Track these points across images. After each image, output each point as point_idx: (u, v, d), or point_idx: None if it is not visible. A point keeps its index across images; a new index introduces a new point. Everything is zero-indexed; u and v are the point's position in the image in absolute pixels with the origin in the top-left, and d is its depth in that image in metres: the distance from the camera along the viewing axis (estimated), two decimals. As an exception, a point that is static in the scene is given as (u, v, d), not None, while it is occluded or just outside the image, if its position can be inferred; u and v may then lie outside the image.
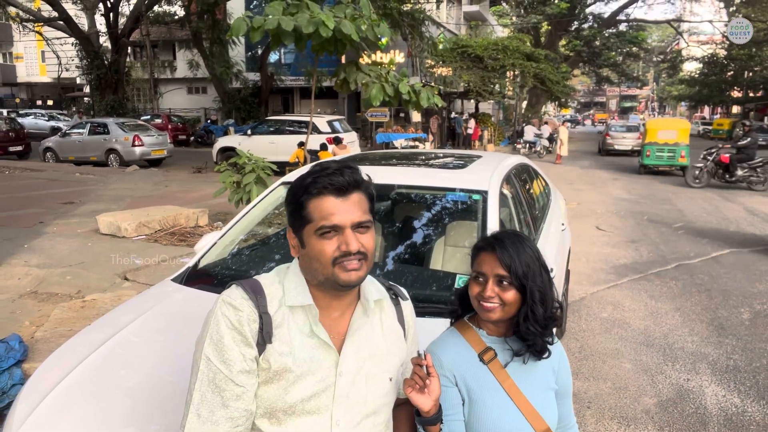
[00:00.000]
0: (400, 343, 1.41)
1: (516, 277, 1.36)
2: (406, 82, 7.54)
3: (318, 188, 1.22)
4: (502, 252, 1.37)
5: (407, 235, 3.16)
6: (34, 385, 1.99)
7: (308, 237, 1.23)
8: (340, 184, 1.23)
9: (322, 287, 1.27)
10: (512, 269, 1.36)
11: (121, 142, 16.33)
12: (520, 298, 1.38)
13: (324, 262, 1.22)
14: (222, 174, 7.64)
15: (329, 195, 1.22)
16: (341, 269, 1.21)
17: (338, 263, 1.21)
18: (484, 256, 1.41)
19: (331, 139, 12.78)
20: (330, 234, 1.21)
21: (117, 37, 23.61)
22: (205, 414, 1.18)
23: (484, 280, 1.38)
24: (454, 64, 23.71)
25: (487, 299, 1.37)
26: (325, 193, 1.22)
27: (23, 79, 40.65)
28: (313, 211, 1.22)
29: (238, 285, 1.27)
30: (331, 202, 1.22)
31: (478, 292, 1.39)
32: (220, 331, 1.20)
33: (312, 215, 1.22)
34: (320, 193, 1.22)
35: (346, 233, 1.21)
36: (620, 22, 37.08)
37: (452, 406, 1.40)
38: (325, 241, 1.21)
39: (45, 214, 8.78)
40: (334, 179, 1.23)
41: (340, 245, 1.21)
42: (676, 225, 9.16)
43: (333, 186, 1.22)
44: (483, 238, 1.47)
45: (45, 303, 4.77)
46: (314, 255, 1.23)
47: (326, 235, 1.21)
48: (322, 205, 1.22)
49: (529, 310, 1.38)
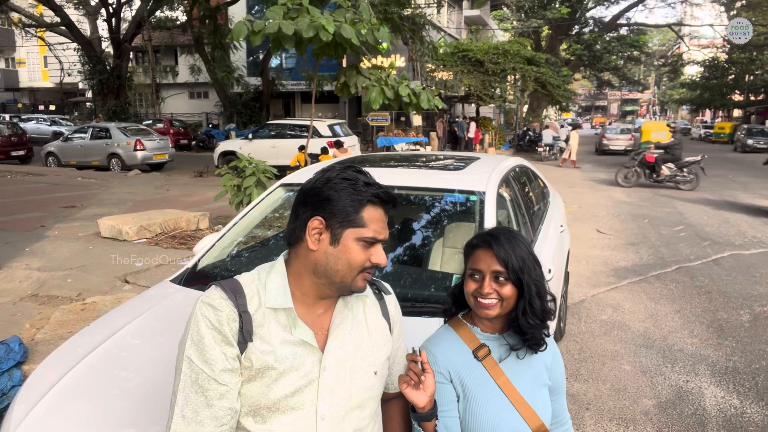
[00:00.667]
0: (385, 336, 1.41)
1: (513, 272, 1.38)
2: (405, 85, 7.56)
3: (382, 198, 1.26)
4: (498, 248, 1.39)
5: (405, 237, 3.17)
6: (31, 385, 1.99)
7: (348, 239, 1.24)
8: (393, 199, 1.28)
9: (323, 287, 1.28)
10: (509, 264, 1.38)
11: (123, 146, 16.38)
12: (516, 292, 1.40)
13: (353, 268, 1.25)
14: (223, 177, 7.66)
15: (381, 207, 1.27)
16: (362, 278, 1.27)
17: (363, 272, 1.26)
18: (479, 253, 1.42)
19: (332, 143, 12.81)
20: (369, 244, 1.26)
21: (119, 42, 23.73)
22: (190, 414, 1.18)
23: (481, 277, 1.39)
24: (455, 68, 23.75)
25: (486, 296, 1.38)
26: (380, 204, 1.26)
27: (26, 84, 40.82)
28: (369, 219, 1.25)
29: (217, 285, 1.28)
30: (382, 215, 1.27)
31: (475, 288, 1.40)
32: (201, 332, 1.21)
33: (366, 221, 1.24)
34: (378, 203, 1.26)
35: (379, 247, 1.27)
36: (621, 26, 37.15)
37: (447, 402, 1.41)
38: (363, 249, 1.25)
39: (46, 217, 8.80)
40: (390, 193, 1.27)
41: (371, 257, 1.26)
42: (677, 228, 9.16)
43: (390, 200, 1.27)
44: (476, 235, 1.48)
45: (46, 306, 4.79)
46: (347, 257, 1.24)
47: (366, 245, 1.25)
48: (379, 216, 1.26)
49: (527, 304, 1.40)
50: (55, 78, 34.43)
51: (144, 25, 23.77)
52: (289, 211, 1.35)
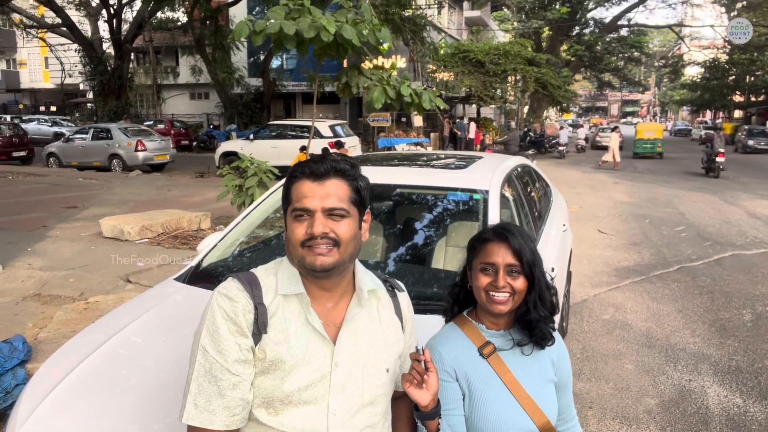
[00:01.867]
0: (397, 334, 1.41)
1: (527, 265, 1.39)
2: (407, 85, 7.56)
3: (298, 172, 1.29)
4: (513, 240, 1.40)
5: (408, 236, 3.17)
6: (36, 384, 2.00)
7: (288, 218, 1.29)
8: (316, 170, 1.28)
9: (303, 273, 1.31)
10: (523, 257, 1.39)
11: (124, 147, 16.39)
12: (527, 285, 1.40)
13: (294, 243, 1.26)
14: (224, 178, 7.66)
15: (306, 179, 1.28)
16: (308, 252, 1.25)
17: (306, 245, 1.25)
18: (492, 246, 1.41)
19: (333, 144, 12.81)
20: (303, 217, 1.26)
21: (120, 43, 23.76)
22: (203, 404, 1.20)
23: (494, 271, 1.39)
24: (456, 69, 23.76)
25: (500, 289, 1.38)
26: (302, 178, 1.28)
27: (27, 85, 40.87)
28: (292, 194, 1.29)
29: (234, 277, 1.30)
30: (307, 186, 1.27)
31: (488, 283, 1.39)
32: (216, 322, 1.23)
33: (290, 197, 1.29)
34: (299, 178, 1.29)
35: (316, 217, 1.25)
36: (621, 26, 37.16)
37: (452, 401, 1.41)
38: (298, 223, 1.27)
39: (48, 218, 8.81)
40: (313, 165, 1.29)
41: (308, 228, 1.25)
42: (678, 228, 9.16)
43: (310, 171, 1.28)
44: (486, 230, 1.48)
45: (48, 305, 4.79)
46: (288, 235, 1.29)
47: (299, 218, 1.27)
48: (299, 189, 1.28)
49: (537, 297, 1.41)
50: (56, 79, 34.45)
51: (145, 26, 23.81)
52: None
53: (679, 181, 15.90)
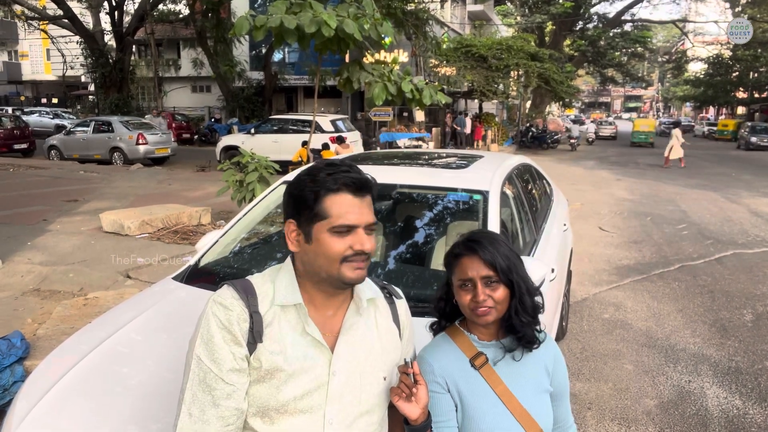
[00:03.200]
0: (395, 342, 1.40)
1: (502, 273, 1.36)
2: (408, 81, 7.52)
3: (338, 184, 1.22)
4: (484, 252, 1.37)
5: (408, 235, 3.16)
6: (34, 382, 1.99)
7: (319, 233, 1.22)
8: (360, 183, 1.23)
9: (321, 285, 1.27)
10: (497, 266, 1.36)
11: (126, 140, 16.36)
12: (508, 293, 1.38)
13: (332, 259, 1.21)
14: (225, 173, 7.64)
15: (347, 193, 1.22)
16: (349, 267, 1.22)
17: (347, 261, 1.22)
18: (465, 261, 1.39)
19: (334, 139, 12.78)
20: (344, 233, 1.22)
21: (122, 35, 23.67)
22: (197, 413, 1.19)
23: (473, 285, 1.37)
24: (458, 63, 23.66)
25: (481, 303, 1.36)
26: (344, 191, 1.22)
27: (28, 77, 40.81)
28: (330, 208, 1.21)
29: (230, 285, 1.28)
30: (349, 200, 1.22)
31: (470, 299, 1.37)
32: (211, 331, 1.21)
33: (328, 212, 1.21)
34: (339, 190, 1.22)
35: (359, 233, 1.22)
36: (625, 22, 36.96)
37: (445, 412, 1.39)
38: (338, 238, 1.21)
39: (48, 211, 8.81)
40: (354, 177, 1.23)
41: (353, 244, 1.21)
42: (679, 226, 9.13)
43: (354, 184, 1.22)
44: (456, 244, 1.44)
45: (47, 300, 4.79)
46: (323, 251, 1.22)
47: (340, 234, 1.21)
48: (341, 203, 1.22)
49: (518, 302, 1.39)
50: (58, 71, 34.38)
51: (147, 18, 23.68)
52: None
53: (681, 178, 15.86)
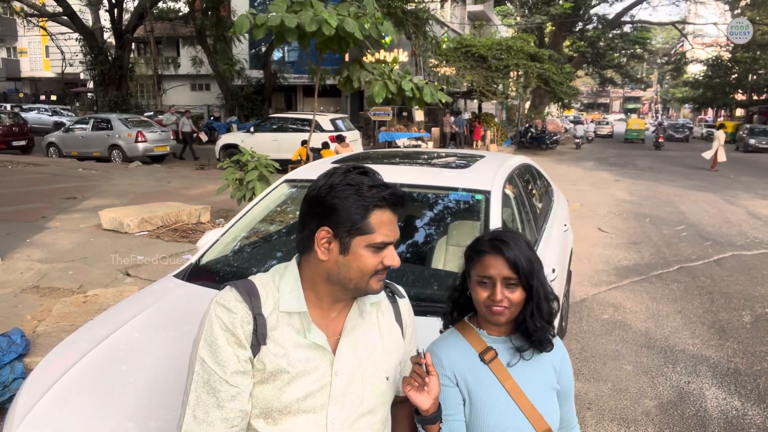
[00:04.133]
0: (397, 341, 1.40)
1: (523, 276, 1.36)
2: (408, 80, 7.52)
3: (384, 201, 1.22)
4: (509, 253, 1.36)
5: (409, 235, 3.16)
6: (35, 379, 1.99)
7: (358, 247, 1.21)
8: (401, 200, 1.24)
9: (338, 293, 1.27)
10: (519, 269, 1.36)
11: (125, 138, 16.33)
12: (525, 296, 1.39)
13: (365, 273, 1.23)
14: (225, 171, 7.64)
15: (388, 209, 1.23)
16: (376, 281, 1.25)
17: (376, 275, 1.24)
18: (488, 259, 1.39)
19: (334, 138, 12.78)
20: (381, 248, 1.23)
21: (121, 33, 23.64)
22: (201, 415, 1.19)
23: (492, 284, 1.37)
24: (458, 63, 23.65)
25: (498, 303, 1.36)
26: (387, 207, 1.23)
27: (27, 74, 40.72)
28: (377, 224, 1.21)
29: (232, 287, 1.27)
30: (389, 216, 1.23)
31: (487, 296, 1.38)
32: (214, 333, 1.21)
33: (374, 227, 1.21)
34: (384, 207, 1.22)
35: (391, 249, 1.24)
36: (625, 23, 37.01)
37: (453, 406, 1.40)
38: (374, 254, 1.22)
39: (47, 209, 8.79)
40: (397, 194, 1.23)
41: (384, 259, 1.23)
42: (678, 227, 9.15)
43: (396, 201, 1.23)
44: (481, 240, 1.45)
45: (47, 298, 4.78)
46: (358, 265, 1.22)
47: (378, 249, 1.22)
48: (387, 219, 1.23)
49: (535, 307, 1.39)
50: (57, 68, 34.30)
51: (146, 16, 23.67)
52: (292, 207, 1.34)
53: (680, 180, 15.88)
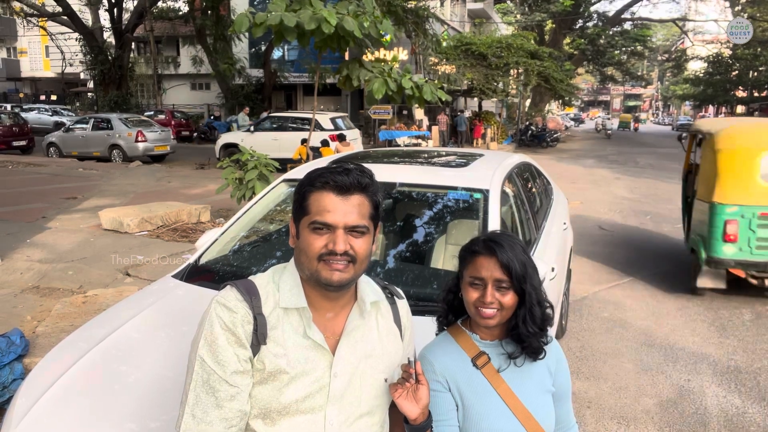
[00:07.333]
0: (396, 343, 1.40)
1: (516, 280, 1.34)
2: (408, 78, 7.51)
3: (321, 182, 1.23)
4: (502, 255, 1.35)
5: (408, 234, 3.16)
6: (34, 379, 1.99)
7: (303, 228, 1.25)
8: (342, 183, 1.22)
9: (311, 284, 1.27)
10: (512, 272, 1.34)
11: (125, 137, 16.34)
12: (516, 300, 1.37)
13: (310, 256, 1.22)
14: (225, 170, 7.64)
15: (330, 192, 1.23)
16: (325, 266, 1.22)
17: (323, 260, 1.22)
18: (481, 260, 1.37)
19: (334, 136, 12.76)
20: (322, 230, 1.22)
21: (121, 32, 23.64)
22: (200, 414, 1.19)
23: (483, 285, 1.36)
24: (458, 61, 23.63)
25: (488, 305, 1.34)
26: (326, 189, 1.23)
27: (27, 74, 40.69)
28: (312, 204, 1.23)
29: (233, 286, 1.27)
30: (330, 199, 1.22)
31: (477, 297, 1.36)
32: (215, 333, 1.21)
33: (310, 208, 1.24)
34: (322, 188, 1.23)
35: (337, 233, 1.21)
36: (625, 20, 36.97)
37: (446, 411, 1.38)
38: (316, 236, 1.22)
39: (48, 208, 8.80)
40: (338, 177, 1.23)
41: (329, 243, 1.21)
42: (679, 225, 9.11)
43: (335, 183, 1.23)
44: (476, 241, 1.43)
45: (47, 298, 4.79)
46: (303, 247, 1.24)
47: (318, 231, 1.22)
48: (321, 201, 1.23)
49: (528, 312, 1.37)
50: (57, 68, 34.31)
51: (146, 15, 23.65)
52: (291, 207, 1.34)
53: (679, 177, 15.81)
